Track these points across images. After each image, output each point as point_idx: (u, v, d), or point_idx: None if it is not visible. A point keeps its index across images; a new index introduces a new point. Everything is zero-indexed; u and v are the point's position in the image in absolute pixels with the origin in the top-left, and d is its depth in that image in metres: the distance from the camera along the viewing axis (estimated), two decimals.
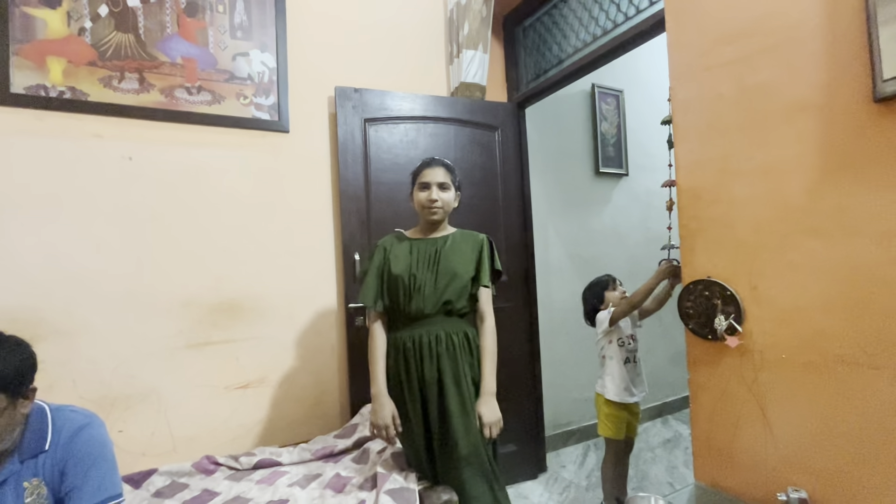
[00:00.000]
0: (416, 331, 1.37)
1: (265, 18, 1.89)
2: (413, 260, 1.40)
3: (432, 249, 1.42)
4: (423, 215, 1.45)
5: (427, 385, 1.35)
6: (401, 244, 1.45)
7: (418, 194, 1.43)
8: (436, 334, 1.36)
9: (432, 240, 1.45)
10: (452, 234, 1.48)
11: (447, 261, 1.40)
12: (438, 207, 1.41)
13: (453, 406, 1.32)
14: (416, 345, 1.36)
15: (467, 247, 1.44)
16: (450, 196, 1.44)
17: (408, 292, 1.37)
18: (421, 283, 1.37)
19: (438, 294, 1.37)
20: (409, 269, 1.39)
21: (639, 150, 3.00)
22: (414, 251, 1.42)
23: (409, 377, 1.36)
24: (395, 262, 1.41)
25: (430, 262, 1.40)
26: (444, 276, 1.38)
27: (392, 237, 1.49)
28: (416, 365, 1.36)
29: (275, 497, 1.34)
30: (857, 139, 1.07)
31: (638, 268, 2.91)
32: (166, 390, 1.65)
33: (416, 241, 1.45)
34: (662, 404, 2.99)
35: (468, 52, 2.16)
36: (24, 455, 0.97)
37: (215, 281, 1.75)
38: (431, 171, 1.42)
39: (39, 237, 1.51)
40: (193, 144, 1.75)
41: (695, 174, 1.41)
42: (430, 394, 1.35)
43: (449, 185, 1.43)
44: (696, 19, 1.40)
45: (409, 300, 1.37)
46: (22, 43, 1.53)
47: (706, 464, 1.40)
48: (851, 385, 1.09)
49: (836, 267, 1.11)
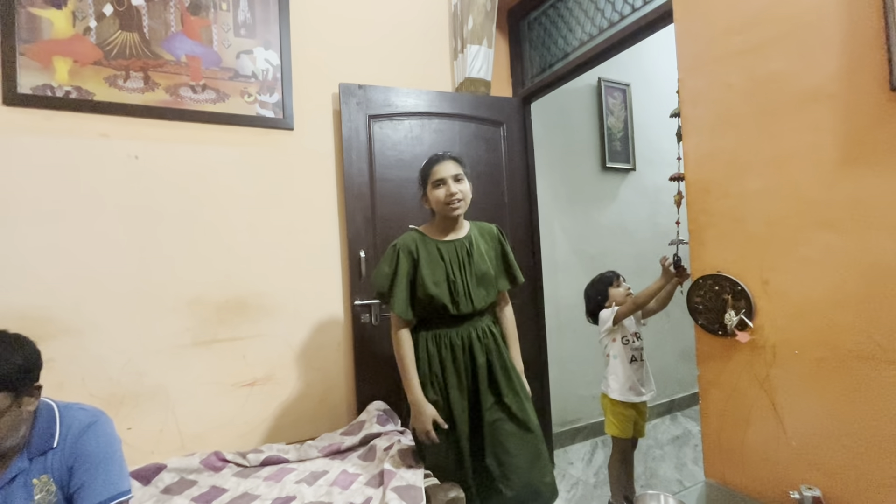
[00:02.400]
0: (465, 328, 1.41)
1: (269, 16, 1.88)
2: (447, 265, 1.40)
3: (463, 251, 1.42)
4: (443, 213, 1.40)
5: (480, 369, 1.38)
6: (427, 248, 1.41)
7: (435, 192, 1.38)
8: (481, 328, 1.43)
9: (459, 241, 1.44)
10: (471, 230, 1.48)
11: (479, 263, 1.43)
12: (459, 200, 1.38)
13: (513, 391, 1.40)
14: (464, 341, 1.40)
15: (487, 245, 1.48)
16: (466, 187, 1.41)
17: (453, 299, 1.38)
18: (463, 288, 1.39)
19: (480, 296, 1.41)
20: (446, 277, 1.39)
21: (646, 144, 2.96)
22: (446, 255, 1.41)
23: (456, 368, 1.39)
24: (428, 270, 1.38)
25: (464, 265, 1.41)
26: (479, 278, 1.42)
27: (413, 238, 1.42)
28: (465, 355, 1.39)
29: (282, 494, 1.34)
30: (874, 129, 1.04)
31: (646, 264, 2.88)
32: (174, 388, 1.66)
33: (444, 243, 1.43)
34: (671, 401, 2.96)
35: (472, 47, 2.14)
36: (33, 452, 0.98)
37: (221, 278, 1.75)
38: (442, 166, 1.39)
39: (47, 236, 1.52)
40: (198, 142, 1.75)
41: (704, 167, 1.39)
42: (482, 377, 1.38)
43: (462, 177, 1.41)
44: (704, 9, 1.37)
45: (456, 305, 1.38)
46: (28, 43, 1.54)
47: (717, 461, 1.38)
48: (866, 381, 1.06)
49: (851, 261, 1.08)
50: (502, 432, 1.36)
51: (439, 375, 1.38)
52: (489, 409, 1.37)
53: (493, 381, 1.39)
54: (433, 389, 1.37)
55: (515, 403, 1.38)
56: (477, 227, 1.50)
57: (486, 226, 1.52)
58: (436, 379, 1.38)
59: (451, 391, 1.36)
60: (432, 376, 1.38)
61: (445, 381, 1.37)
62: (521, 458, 1.34)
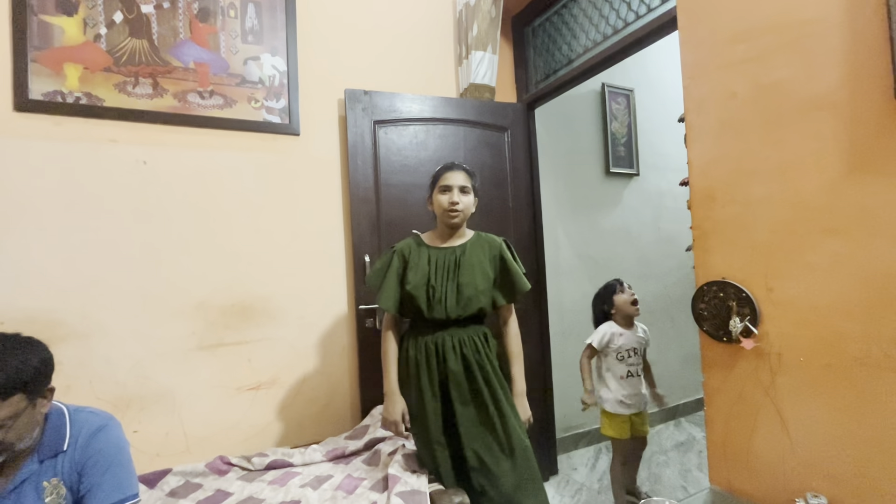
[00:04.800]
0: (439, 335, 1.40)
1: (276, 23, 1.91)
2: (431, 270, 1.41)
3: (451, 259, 1.43)
4: (442, 219, 1.44)
5: (451, 375, 1.37)
6: (419, 252, 1.45)
7: (439, 197, 1.43)
8: (459, 337, 1.40)
9: (450, 249, 1.45)
10: (470, 239, 1.48)
11: (467, 272, 1.41)
12: (459, 210, 1.41)
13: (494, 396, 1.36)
14: (438, 347, 1.39)
15: (484, 255, 1.45)
16: (470, 200, 1.44)
17: (429, 303, 1.39)
18: (441, 294, 1.39)
19: (462, 305, 1.39)
20: (427, 281, 1.40)
21: (650, 149, 2.97)
22: (432, 261, 1.43)
23: (430, 373, 1.38)
24: (413, 272, 1.41)
25: (450, 273, 1.41)
26: (464, 287, 1.39)
27: (410, 242, 1.49)
28: (438, 362, 1.39)
29: (287, 498, 1.34)
30: (878, 137, 1.04)
31: (649, 269, 2.89)
32: (180, 391, 1.67)
33: (435, 249, 1.45)
34: (675, 407, 2.95)
35: (477, 54, 2.15)
36: (44, 455, 0.99)
37: (227, 283, 1.77)
38: (453, 174, 1.42)
39: (56, 240, 1.54)
40: (206, 148, 1.77)
41: (709, 174, 1.39)
42: (454, 384, 1.36)
43: (469, 190, 1.44)
44: (709, 17, 1.38)
45: (430, 310, 1.39)
46: (40, 50, 1.56)
47: (722, 468, 1.38)
48: (872, 388, 1.06)
49: (857, 267, 1.08)
50: (473, 458, 1.33)
51: (415, 379, 1.40)
52: (462, 423, 1.35)
53: (472, 392, 1.36)
54: (409, 390, 1.41)
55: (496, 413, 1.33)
56: (480, 238, 1.49)
57: (491, 238, 1.49)
58: (412, 381, 1.41)
59: (425, 394, 1.38)
60: (409, 378, 1.42)
61: (419, 383, 1.39)
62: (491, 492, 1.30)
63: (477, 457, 1.33)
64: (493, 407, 1.35)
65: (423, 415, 1.38)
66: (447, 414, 1.39)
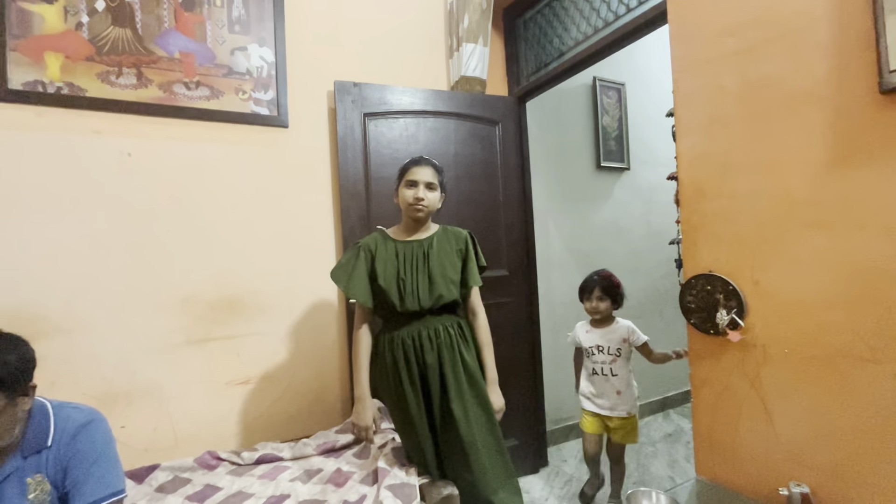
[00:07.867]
0: (414, 327, 1.40)
1: (263, 12, 1.87)
2: (400, 264, 1.41)
3: (419, 251, 1.43)
4: (407, 213, 1.45)
5: (429, 369, 1.37)
6: (386, 246, 1.45)
7: (404, 191, 1.43)
8: (434, 328, 1.40)
9: (418, 242, 1.45)
10: (436, 232, 1.49)
11: (436, 263, 1.42)
12: (424, 206, 1.41)
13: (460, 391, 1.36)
14: (415, 340, 1.39)
15: (451, 247, 1.47)
16: (435, 196, 1.45)
17: (401, 296, 1.38)
18: (412, 286, 1.39)
19: (434, 296, 1.39)
20: (397, 275, 1.40)
21: (640, 144, 2.98)
22: (400, 254, 1.43)
23: (409, 367, 1.38)
24: (381, 266, 1.41)
25: (419, 264, 1.42)
26: (435, 278, 1.40)
27: (376, 236, 1.48)
28: (416, 355, 1.38)
29: (276, 492, 1.34)
30: (863, 131, 1.05)
31: (639, 263, 2.91)
32: (168, 386, 1.65)
33: (402, 243, 1.45)
34: (664, 398, 2.99)
35: (468, 46, 2.14)
36: (27, 451, 0.98)
37: (215, 276, 1.75)
38: (420, 169, 1.42)
39: (39, 233, 1.51)
40: (192, 140, 1.74)
41: (697, 168, 1.40)
42: (433, 378, 1.37)
43: (436, 186, 1.44)
44: (698, 10, 1.38)
45: (403, 302, 1.38)
46: (19, 38, 1.52)
47: (708, 458, 1.40)
48: (854, 380, 1.08)
49: (840, 261, 1.10)
50: (449, 444, 1.36)
51: (394, 375, 1.39)
52: (439, 414, 1.38)
53: (443, 384, 1.37)
54: (389, 386, 1.41)
55: (461, 410, 1.34)
56: (445, 230, 1.50)
57: (456, 231, 1.51)
58: (391, 379, 1.40)
59: (406, 390, 1.37)
60: (388, 376, 1.41)
61: (399, 380, 1.38)
62: (468, 476, 1.32)
63: (448, 450, 1.37)
64: (458, 401, 1.35)
65: (406, 409, 1.37)
66: (430, 406, 1.39)
